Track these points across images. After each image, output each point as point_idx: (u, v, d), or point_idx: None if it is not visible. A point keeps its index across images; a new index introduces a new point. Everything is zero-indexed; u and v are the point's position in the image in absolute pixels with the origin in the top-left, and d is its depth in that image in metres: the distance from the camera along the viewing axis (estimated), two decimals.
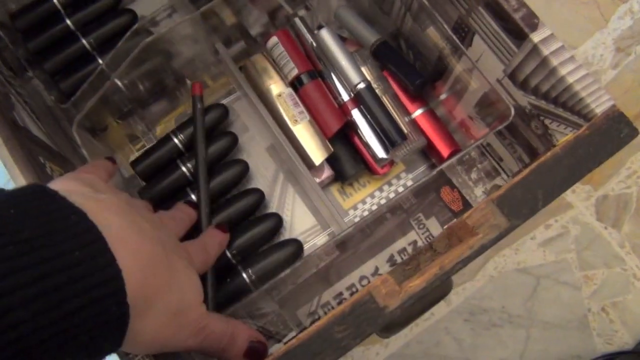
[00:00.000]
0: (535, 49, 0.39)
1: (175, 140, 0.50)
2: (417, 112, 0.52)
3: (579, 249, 0.95)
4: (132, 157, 0.54)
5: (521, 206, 0.36)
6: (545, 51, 0.38)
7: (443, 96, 0.52)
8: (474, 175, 0.54)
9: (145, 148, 0.54)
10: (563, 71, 0.38)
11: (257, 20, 0.56)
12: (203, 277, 0.41)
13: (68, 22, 0.55)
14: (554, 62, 0.38)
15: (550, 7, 0.93)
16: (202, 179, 0.48)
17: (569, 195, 0.86)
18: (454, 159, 0.46)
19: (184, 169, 0.50)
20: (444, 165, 0.46)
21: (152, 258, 0.29)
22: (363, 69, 0.51)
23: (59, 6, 0.55)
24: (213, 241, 0.43)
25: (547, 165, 0.36)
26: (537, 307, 0.91)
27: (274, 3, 0.54)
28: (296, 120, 0.49)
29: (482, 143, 0.53)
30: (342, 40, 0.55)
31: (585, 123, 0.38)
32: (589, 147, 0.37)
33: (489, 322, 0.90)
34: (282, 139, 0.48)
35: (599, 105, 0.37)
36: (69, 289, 0.24)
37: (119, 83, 0.51)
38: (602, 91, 0.38)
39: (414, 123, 0.51)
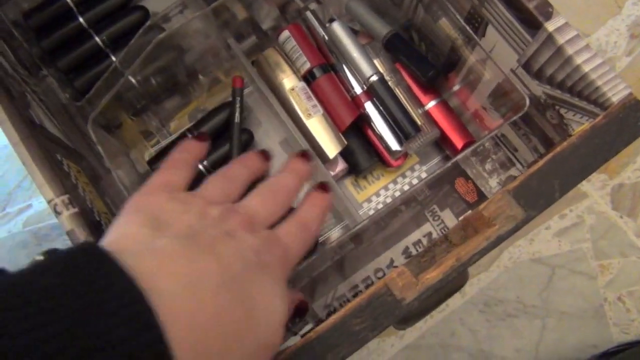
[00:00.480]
0: (550, 38, 0.38)
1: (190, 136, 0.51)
2: (431, 104, 0.52)
3: (595, 239, 0.94)
4: (147, 153, 0.55)
5: (538, 197, 0.35)
6: (561, 40, 0.38)
7: (456, 87, 0.52)
8: (488, 166, 0.54)
9: (159, 144, 0.54)
10: (578, 60, 0.38)
11: (268, 15, 0.56)
12: None
13: (81, 19, 0.55)
14: (569, 50, 0.38)
15: None
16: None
17: (584, 184, 0.85)
18: (468, 151, 0.46)
19: (200, 167, 0.50)
20: (458, 157, 0.45)
21: (212, 319, 0.26)
22: (375, 62, 0.51)
23: (71, 4, 0.55)
24: (313, 211, 0.36)
25: (563, 155, 0.36)
26: (553, 297, 0.91)
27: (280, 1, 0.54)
28: (309, 114, 0.49)
29: (496, 134, 0.53)
30: (354, 33, 0.54)
31: (601, 112, 0.38)
32: (605, 136, 0.36)
33: (504, 312, 0.90)
34: (295, 133, 0.48)
35: (616, 93, 0.37)
36: None
37: (133, 80, 0.52)
38: (618, 79, 0.37)
39: (427, 115, 0.51)
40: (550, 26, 0.38)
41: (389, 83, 0.50)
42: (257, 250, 0.30)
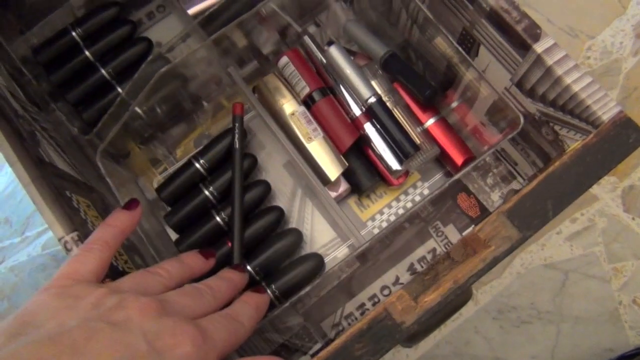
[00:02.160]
0: (539, 59, 0.39)
1: (197, 165, 0.52)
2: (430, 122, 0.53)
3: (607, 242, 0.94)
4: (155, 180, 0.56)
5: (532, 217, 0.36)
6: (549, 61, 0.38)
7: (454, 104, 0.53)
8: (489, 181, 0.54)
9: (167, 171, 0.56)
10: (568, 80, 0.38)
11: (268, 40, 0.57)
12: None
13: (87, 53, 0.57)
14: (559, 71, 0.38)
15: None
16: (237, 202, 0.50)
17: (594, 187, 0.85)
18: (469, 168, 0.46)
19: (206, 192, 0.51)
20: (459, 175, 0.46)
21: None
22: (373, 83, 0.52)
23: (77, 39, 0.57)
24: (244, 307, 0.36)
25: (556, 175, 0.37)
26: (567, 302, 0.90)
27: (282, 22, 0.55)
28: (310, 138, 0.50)
29: (496, 148, 0.54)
30: (352, 54, 0.56)
31: (593, 130, 0.39)
32: (597, 155, 0.37)
33: (518, 319, 0.90)
34: (297, 157, 0.49)
35: (606, 112, 0.38)
36: None
37: (139, 110, 0.53)
38: (608, 98, 0.38)
39: (426, 133, 0.52)
40: (539, 47, 0.39)
41: (388, 103, 0.51)
42: (154, 337, 0.28)
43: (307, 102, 0.52)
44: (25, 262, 0.94)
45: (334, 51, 0.52)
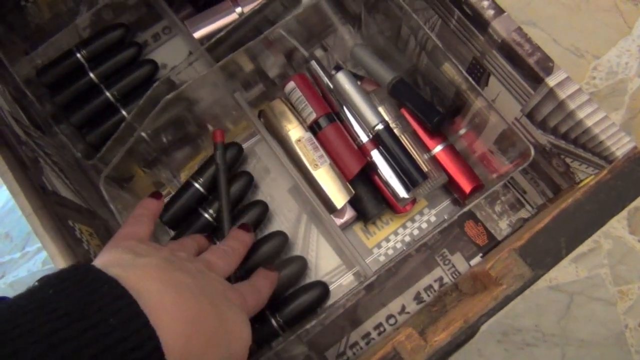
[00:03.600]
0: (551, 92, 0.38)
1: (196, 185, 0.52)
2: (437, 149, 0.52)
3: (612, 264, 0.93)
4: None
5: (544, 255, 0.35)
6: (562, 95, 0.38)
7: (462, 131, 0.52)
8: (497, 208, 0.54)
9: (171, 195, 0.55)
10: (581, 114, 0.38)
11: (275, 63, 0.56)
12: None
13: (92, 75, 0.56)
14: (571, 105, 0.38)
15: (572, 17, 0.92)
16: (226, 224, 0.49)
17: None
18: (478, 199, 0.46)
19: (206, 215, 0.51)
20: (468, 207, 0.46)
21: (194, 318, 0.30)
22: (381, 109, 0.52)
23: (82, 60, 0.57)
24: (264, 282, 0.44)
25: (569, 212, 0.36)
26: (572, 324, 0.90)
27: (289, 46, 0.55)
28: (317, 165, 0.49)
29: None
30: (359, 79, 0.55)
31: (606, 164, 0.38)
32: (611, 192, 0.36)
33: (522, 341, 0.89)
34: (302, 184, 0.49)
35: (620, 147, 0.37)
36: (106, 356, 0.25)
37: (144, 135, 0.53)
38: (622, 133, 0.37)
39: (434, 160, 0.51)
40: (552, 81, 0.38)
41: (395, 130, 0.50)
42: (222, 286, 0.36)
43: (314, 128, 0.51)
44: (25, 277, 0.93)
45: (341, 77, 0.51)
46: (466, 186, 0.51)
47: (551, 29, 0.96)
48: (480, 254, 0.52)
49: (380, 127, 0.49)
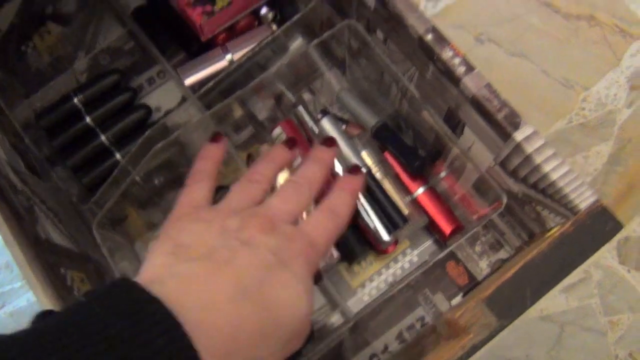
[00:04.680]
0: (518, 146, 0.40)
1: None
2: (419, 191, 0.54)
3: (603, 294, 0.94)
4: (151, 244, 0.57)
5: (510, 305, 0.37)
6: (529, 149, 0.40)
7: (443, 174, 0.54)
8: (478, 249, 0.55)
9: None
10: (546, 168, 0.39)
11: (264, 107, 0.59)
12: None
13: (88, 120, 0.59)
14: (538, 159, 0.40)
15: (561, 48, 0.94)
16: None
17: None
18: (461, 241, 0.47)
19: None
20: (449, 249, 0.47)
21: (234, 331, 0.30)
22: (364, 153, 0.54)
23: (79, 105, 0.59)
24: (341, 197, 0.38)
25: (534, 263, 0.38)
26: (563, 355, 0.90)
27: (278, 90, 0.57)
28: None
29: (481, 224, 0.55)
30: (344, 122, 0.57)
31: (571, 216, 0.40)
32: (574, 244, 0.38)
33: None
34: None
35: (583, 200, 0.39)
36: None
37: (137, 178, 0.55)
38: (585, 186, 0.39)
39: (415, 202, 0.53)
40: (519, 135, 0.40)
41: (377, 174, 0.52)
42: (276, 250, 0.33)
43: None
44: (25, 307, 0.95)
45: (326, 123, 0.53)
46: (446, 228, 0.53)
47: (541, 60, 0.98)
48: (462, 294, 0.54)
49: (364, 170, 0.51)
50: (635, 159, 0.94)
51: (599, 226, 0.38)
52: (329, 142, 0.42)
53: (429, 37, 0.43)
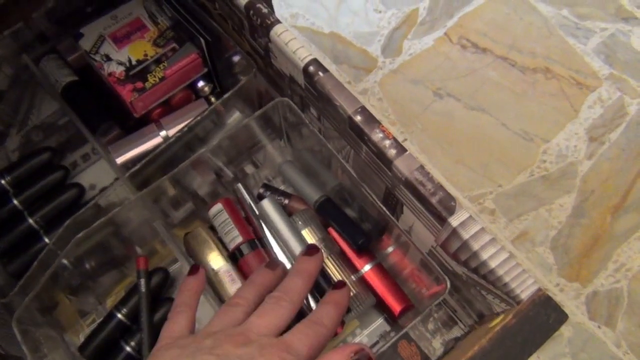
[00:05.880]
0: (455, 231, 0.38)
1: (119, 316, 0.50)
2: (366, 268, 0.51)
3: (574, 352, 0.91)
4: (82, 334, 0.54)
5: None
6: (465, 235, 0.37)
7: (390, 249, 0.52)
8: (431, 326, 0.53)
9: (95, 323, 0.54)
10: (484, 255, 0.37)
11: (204, 182, 0.56)
12: None
13: (15, 202, 0.55)
14: (475, 246, 0.37)
15: (519, 101, 0.94)
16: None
17: (557, 294, 0.83)
18: (415, 322, 0.45)
19: (128, 348, 0.49)
20: (402, 333, 0.45)
21: None
22: (307, 230, 0.51)
23: (7, 187, 0.56)
24: (324, 309, 0.39)
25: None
26: None
27: (215, 167, 0.55)
28: None
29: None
30: (286, 196, 0.55)
31: (515, 304, 0.37)
32: (517, 337, 0.35)
33: None
34: None
35: (524, 289, 0.36)
36: None
37: (66, 262, 0.51)
38: (526, 275, 0.37)
39: (362, 280, 0.51)
40: (454, 221, 0.38)
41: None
42: (249, 358, 0.33)
43: (236, 255, 0.50)
44: None
45: (267, 204, 0.51)
46: (395, 307, 0.50)
47: (500, 114, 0.97)
48: None
49: None
50: (599, 211, 0.93)
51: (543, 317, 0.36)
52: (312, 250, 0.44)
53: (358, 118, 0.41)
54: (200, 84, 0.57)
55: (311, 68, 0.43)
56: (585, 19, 0.97)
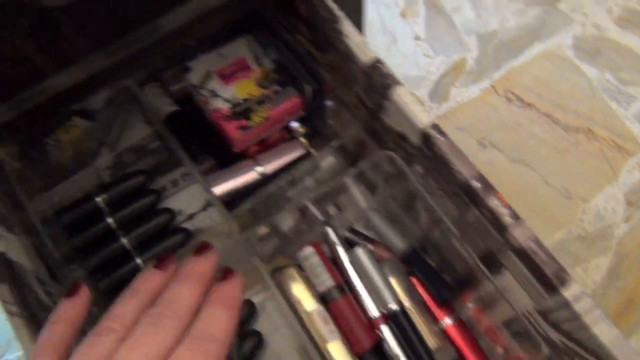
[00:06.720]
0: (565, 301, 0.40)
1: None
2: (446, 321, 0.53)
3: None
4: None
5: None
6: (577, 308, 0.39)
7: (470, 304, 0.53)
8: None
9: None
10: (596, 329, 0.39)
11: (289, 218, 0.58)
12: None
13: (109, 220, 0.57)
14: (587, 319, 0.39)
15: (561, 158, 0.96)
16: None
17: None
18: None
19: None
20: None
21: None
22: (392, 279, 0.53)
23: (102, 205, 0.58)
24: (217, 316, 0.31)
25: None
26: None
27: (301, 206, 0.57)
28: (326, 340, 0.50)
29: None
30: (370, 242, 0.57)
31: None
32: None
33: None
34: (314, 356, 0.49)
35: None
36: None
37: None
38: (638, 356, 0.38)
39: (443, 333, 0.52)
40: (567, 292, 0.40)
41: (406, 302, 0.51)
42: None
43: (325, 298, 0.52)
44: None
45: (360, 253, 0.53)
46: None
47: (543, 170, 0.99)
48: None
49: (394, 307, 0.50)
50: (634, 274, 0.94)
51: None
52: (204, 248, 0.34)
53: (477, 184, 0.43)
54: (295, 124, 0.60)
55: (433, 132, 0.45)
56: (627, 85, 0.99)
